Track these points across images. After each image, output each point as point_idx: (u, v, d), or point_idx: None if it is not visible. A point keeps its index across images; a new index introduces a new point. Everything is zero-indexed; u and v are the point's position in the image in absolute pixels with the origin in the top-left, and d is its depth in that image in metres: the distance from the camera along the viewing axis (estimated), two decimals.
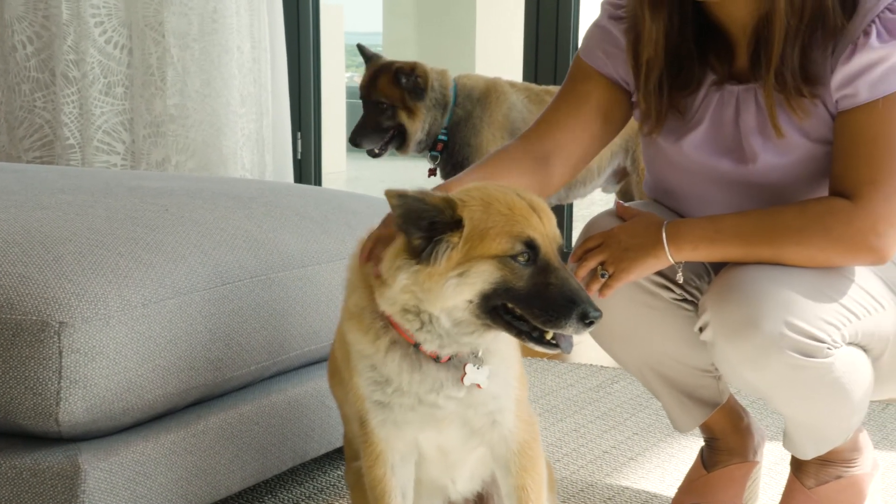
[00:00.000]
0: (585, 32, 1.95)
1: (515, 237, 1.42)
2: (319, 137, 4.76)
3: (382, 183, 1.49)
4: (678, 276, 1.82)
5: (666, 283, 1.89)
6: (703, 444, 2.14)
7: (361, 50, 3.59)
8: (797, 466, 1.99)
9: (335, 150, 8.58)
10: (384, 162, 5.17)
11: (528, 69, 4.20)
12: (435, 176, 3.57)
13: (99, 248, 1.76)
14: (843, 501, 1.96)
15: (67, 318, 1.62)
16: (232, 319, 1.87)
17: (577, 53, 1.95)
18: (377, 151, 3.52)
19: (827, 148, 1.76)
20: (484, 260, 1.42)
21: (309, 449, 2.10)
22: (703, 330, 1.77)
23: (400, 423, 1.55)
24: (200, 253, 1.87)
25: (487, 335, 1.49)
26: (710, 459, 2.11)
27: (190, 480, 1.83)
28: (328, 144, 5.49)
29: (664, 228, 1.73)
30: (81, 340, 1.62)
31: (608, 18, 1.90)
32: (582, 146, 1.89)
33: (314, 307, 2.06)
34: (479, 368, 1.52)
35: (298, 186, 2.47)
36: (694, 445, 2.44)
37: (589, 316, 1.41)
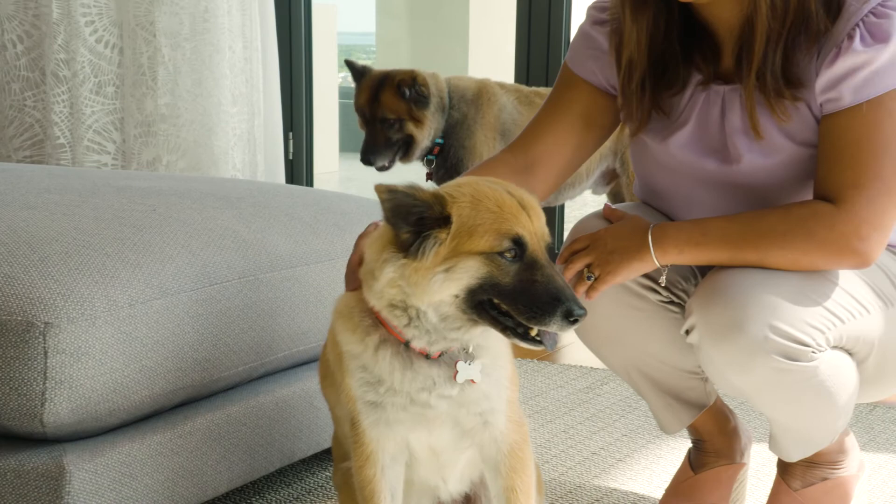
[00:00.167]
0: (573, 38, 1.97)
1: (503, 234, 1.43)
2: (311, 137, 4.75)
3: (375, 183, 1.49)
4: (661, 279, 1.84)
5: (653, 285, 1.89)
6: (690, 445, 2.15)
7: (351, 66, 3.48)
8: (783, 468, 1.99)
9: (327, 150, 8.57)
10: None
11: (519, 70, 4.21)
12: (431, 180, 3.55)
13: (85, 248, 1.75)
14: (829, 503, 1.96)
15: (53, 318, 1.61)
16: (220, 320, 1.86)
17: (564, 60, 1.96)
18: (387, 165, 3.46)
19: (812, 151, 1.76)
20: (471, 256, 1.42)
21: (297, 450, 2.10)
22: (689, 333, 1.77)
23: (392, 422, 1.55)
24: (188, 253, 1.86)
25: (474, 330, 1.49)
26: (697, 461, 2.11)
27: (177, 481, 1.83)
28: (320, 144, 5.47)
29: (650, 232, 1.74)
30: (67, 341, 1.62)
31: (591, 24, 1.92)
32: (566, 154, 1.90)
33: (302, 308, 2.05)
34: (470, 364, 1.52)
35: (287, 187, 2.46)
36: (682, 447, 2.44)
37: (573, 314, 1.41)
